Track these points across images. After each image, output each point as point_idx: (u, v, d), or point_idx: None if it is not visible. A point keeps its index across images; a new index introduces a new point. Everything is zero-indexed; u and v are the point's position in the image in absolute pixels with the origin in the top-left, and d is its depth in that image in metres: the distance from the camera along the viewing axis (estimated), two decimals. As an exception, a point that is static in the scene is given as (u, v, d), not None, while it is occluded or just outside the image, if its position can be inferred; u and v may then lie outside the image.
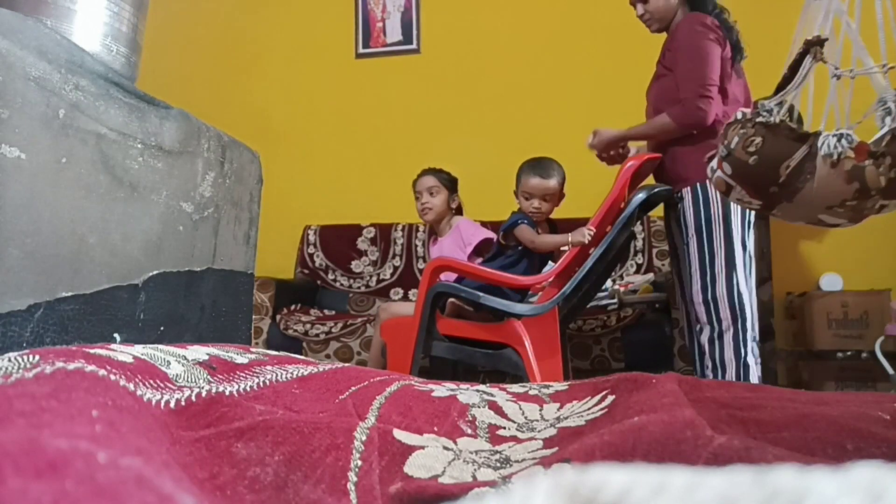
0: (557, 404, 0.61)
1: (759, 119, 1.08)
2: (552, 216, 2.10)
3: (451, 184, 2.35)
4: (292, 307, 2.94)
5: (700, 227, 1.84)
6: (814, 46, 1.13)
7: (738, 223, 1.82)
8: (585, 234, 1.84)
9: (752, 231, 1.85)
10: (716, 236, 1.82)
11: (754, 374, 1.80)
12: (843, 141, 1.01)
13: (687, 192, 1.87)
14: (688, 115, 1.81)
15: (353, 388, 0.56)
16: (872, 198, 0.99)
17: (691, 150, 1.84)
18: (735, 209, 1.81)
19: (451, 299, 2.04)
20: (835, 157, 1.00)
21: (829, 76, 1.12)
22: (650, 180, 2.03)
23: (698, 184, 1.84)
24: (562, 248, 1.97)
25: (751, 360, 1.80)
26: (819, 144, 1.03)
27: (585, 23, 3.34)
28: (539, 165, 2.03)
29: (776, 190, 1.09)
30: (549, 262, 2.08)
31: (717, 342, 1.82)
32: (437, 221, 2.37)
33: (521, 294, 2.03)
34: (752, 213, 1.84)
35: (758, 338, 1.84)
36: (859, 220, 1.05)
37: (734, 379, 1.79)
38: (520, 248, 2.03)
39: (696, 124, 1.82)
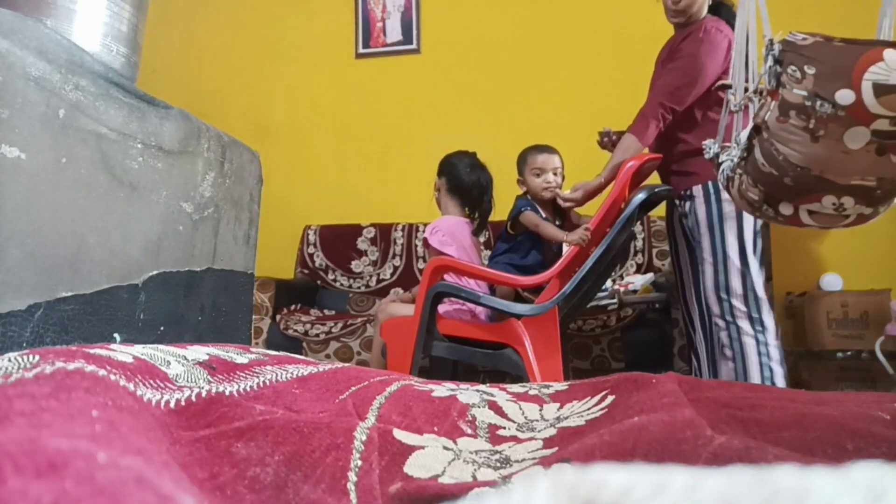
0: (557, 404, 0.61)
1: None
2: (563, 206, 2.10)
3: None
4: (292, 307, 2.94)
5: (712, 223, 1.83)
6: (725, 89, 1.24)
7: (749, 221, 1.81)
8: (582, 236, 1.84)
9: (760, 232, 1.85)
10: (728, 232, 1.81)
11: (779, 376, 1.79)
12: (724, 169, 1.13)
13: (698, 190, 1.87)
14: (636, 128, 1.86)
15: (353, 388, 0.56)
16: (765, 209, 1.06)
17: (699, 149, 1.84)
18: None
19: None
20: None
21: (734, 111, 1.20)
22: (654, 179, 2.03)
23: (710, 182, 1.83)
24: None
25: (774, 356, 1.79)
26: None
27: (585, 22, 3.34)
28: (540, 145, 2.12)
29: None
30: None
31: (735, 336, 1.81)
32: None
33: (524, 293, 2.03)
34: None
35: (776, 333, 1.83)
36: (831, 225, 1.07)
37: (753, 376, 1.78)
38: (527, 234, 2.04)
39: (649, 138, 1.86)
